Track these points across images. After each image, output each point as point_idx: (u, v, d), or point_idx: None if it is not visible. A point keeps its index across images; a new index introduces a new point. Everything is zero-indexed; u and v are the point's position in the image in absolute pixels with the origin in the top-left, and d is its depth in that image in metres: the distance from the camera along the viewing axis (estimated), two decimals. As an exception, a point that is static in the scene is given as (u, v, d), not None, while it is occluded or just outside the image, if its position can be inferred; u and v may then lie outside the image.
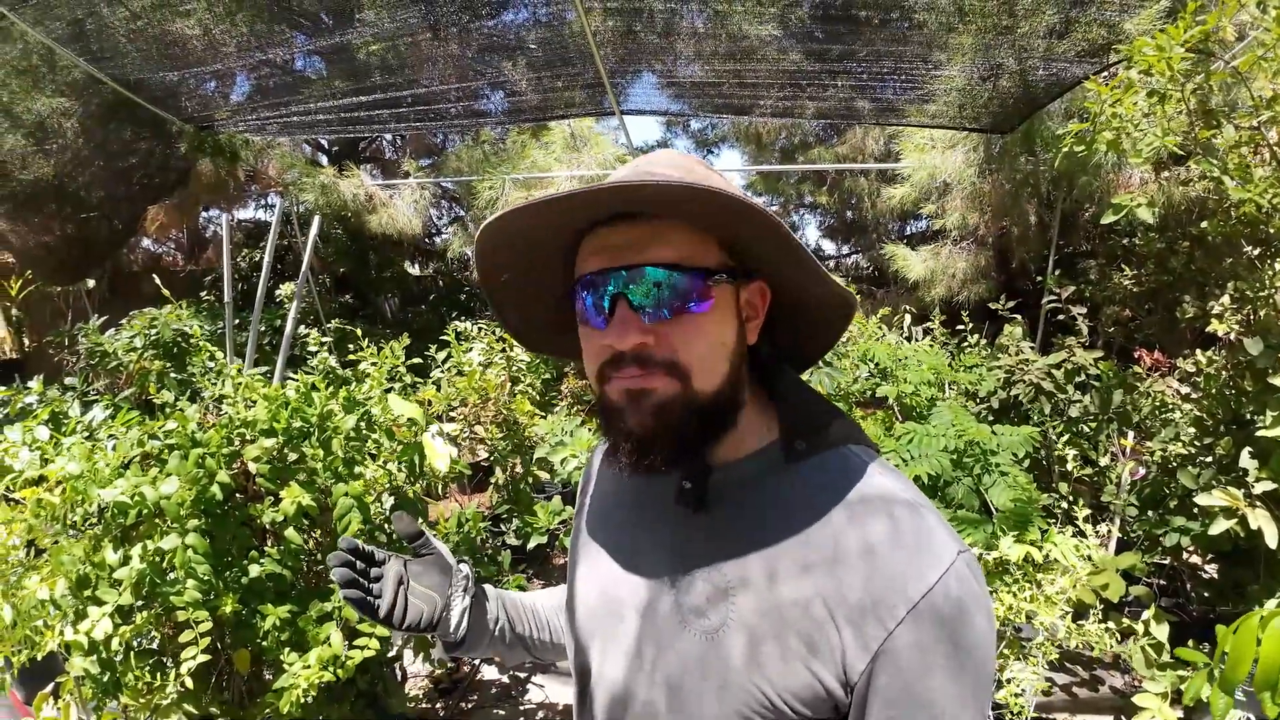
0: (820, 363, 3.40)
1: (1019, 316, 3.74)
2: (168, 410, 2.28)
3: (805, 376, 0.95)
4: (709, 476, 0.76)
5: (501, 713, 3.08)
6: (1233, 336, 2.70)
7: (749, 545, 0.72)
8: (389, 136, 8.61)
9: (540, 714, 3.08)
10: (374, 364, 3.01)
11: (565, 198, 0.65)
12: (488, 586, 1.00)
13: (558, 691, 3.22)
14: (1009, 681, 2.38)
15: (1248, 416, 2.63)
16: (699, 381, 0.70)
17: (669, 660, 0.73)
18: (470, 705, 3.14)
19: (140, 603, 1.94)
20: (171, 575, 1.92)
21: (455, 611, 0.91)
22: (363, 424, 2.38)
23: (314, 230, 3.70)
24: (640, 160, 0.79)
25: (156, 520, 1.97)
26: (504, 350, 4.14)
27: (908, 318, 4.38)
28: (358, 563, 0.89)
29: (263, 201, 8.13)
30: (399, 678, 2.84)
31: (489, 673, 3.38)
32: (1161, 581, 3.13)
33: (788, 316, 0.80)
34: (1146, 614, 2.36)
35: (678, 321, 0.69)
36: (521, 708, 3.12)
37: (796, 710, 0.67)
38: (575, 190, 0.65)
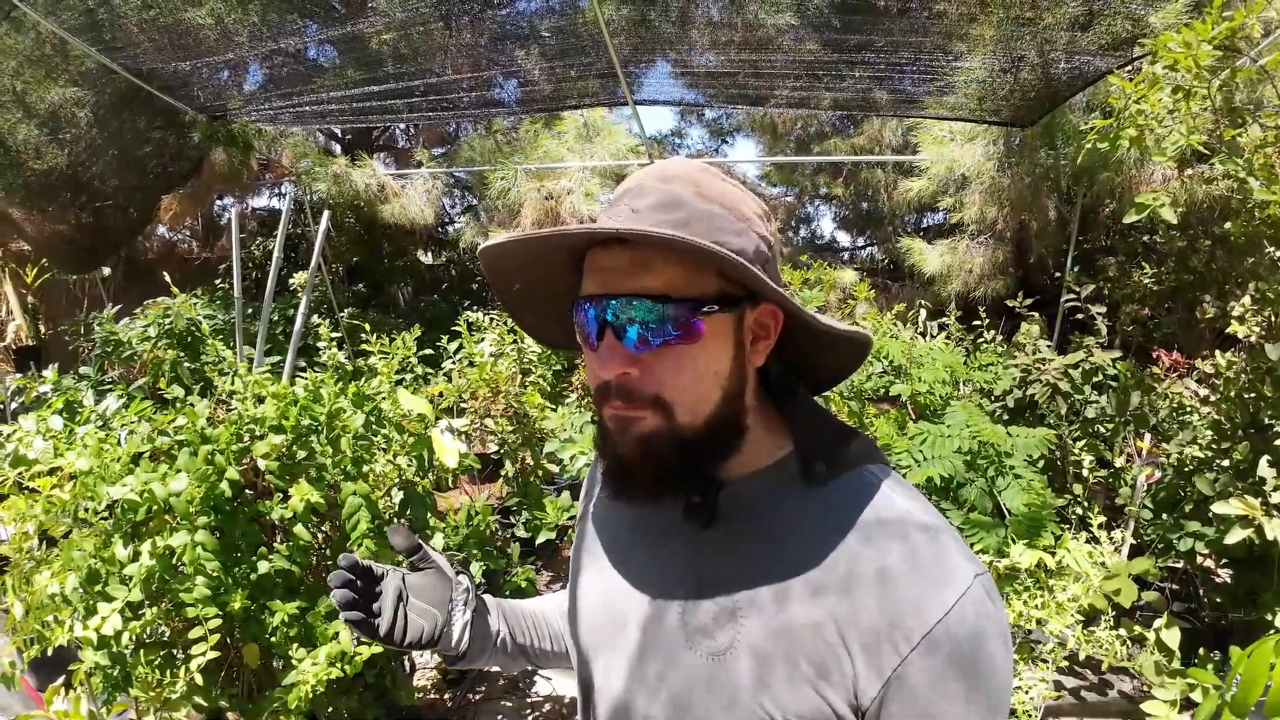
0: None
1: (1036, 314, 3.69)
2: (178, 404, 2.30)
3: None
4: (718, 493, 0.75)
5: (509, 704, 3.11)
6: (1253, 339, 2.65)
7: (760, 565, 0.71)
8: (402, 126, 8.60)
9: (547, 706, 3.10)
10: (383, 355, 3.02)
11: (535, 238, 0.67)
12: (488, 597, 0.99)
13: (564, 685, 3.24)
14: (1017, 688, 2.37)
15: (1266, 422, 2.58)
16: (684, 415, 0.69)
17: (674, 679, 0.72)
18: (478, 697, 3.17)
19: (149, 599, 1.96)
20: (181, 571, 1.93)
21: (456, 626, 0.91)
22: (372, 420, 2.39)
23: (324, 221, 3.70)
24: (641, 174, 0.77)
25: (166, 517, 1.99)
26: (515, 342, 4.14)
27: (923, 313, 4.33)
28: (357, 580, 0.87)
29: (276, 190, 8.16)
30: (407, 670, 2.87)
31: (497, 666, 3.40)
32: (1174, 586, 3.09)
33: (803, 337, 0.78)
34: (1159, 622, 2.33)
35: (664, 353, 0.68)
36: (528, 700, 3.14)
37: None
38: (547, 232, 0.65)
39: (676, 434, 0.69)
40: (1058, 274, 3.88)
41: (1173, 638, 2.31)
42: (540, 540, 3.53)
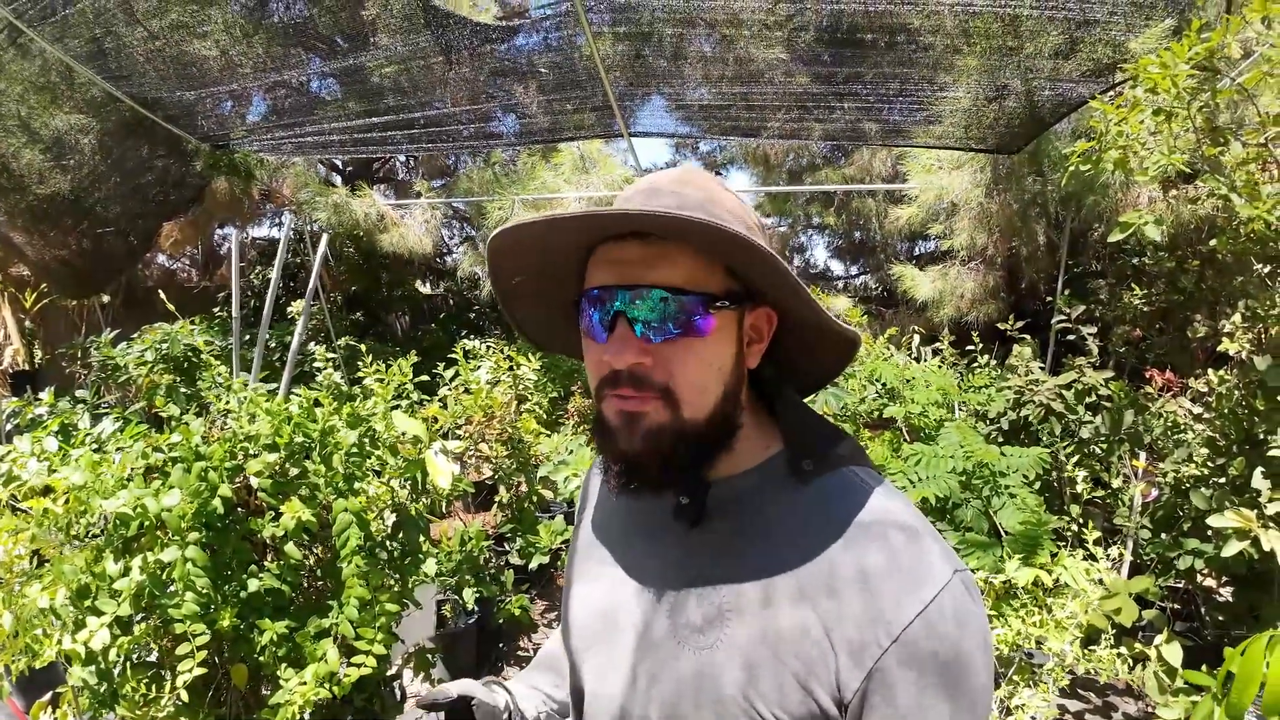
0: (827, 382, 3.38)
1: (1028, 336, 3.71)
2: (173, 423, 2.30)
3: (810, 397, 0.96)
4: (706, 492, 0.76)
5: (502, 734, 3.04)
6: (1244, 355, 2.67)
7: (747, 563, 0.72)
8: (402, 158, 8.74)
9: (541, 736, 3.03)
10: (379, 380, 3.02)
11: (572, 218, 0.67)
12: (516, 686, 0.97)
13: (559, 713, 3.17)
14: (1019, 708, 2.33)
15: (1260, 436, 2.59)
16: (690, 409, 0.71)
17: (664, 678, 0.73)
18: (471, 726, 3.10)
19: (140, 615, 1.94)
20: (171, 588, 1.92)
21: None
22: (365, 440, 2.38)
23: (322, 246, 3.74)
24: (653, 177, 0.79)
25: (158, 532, 1.97)
26: (511, 369, 4.15)
27: (916, 338, 4.36)
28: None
29: (276, 220, 8.25)
30: (397, 696, 2.81)
31: (491, 693, 3.33)
32: (1175, 605, 3.06)
33: (793, 341, 0.80)
34: (1159, 638, 2.30)
35: (675, 344, 0.69)
36: (522, 729, 3.07)
37: None
38: (582, 212, 0.66)
39: (681, 427, 0.70)
40: (1049, 298, 3.92)
41: (1174, 654, 2.28)
42: (534, 565, 3.51)
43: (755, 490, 0.76)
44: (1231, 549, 2.14)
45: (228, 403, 2.45)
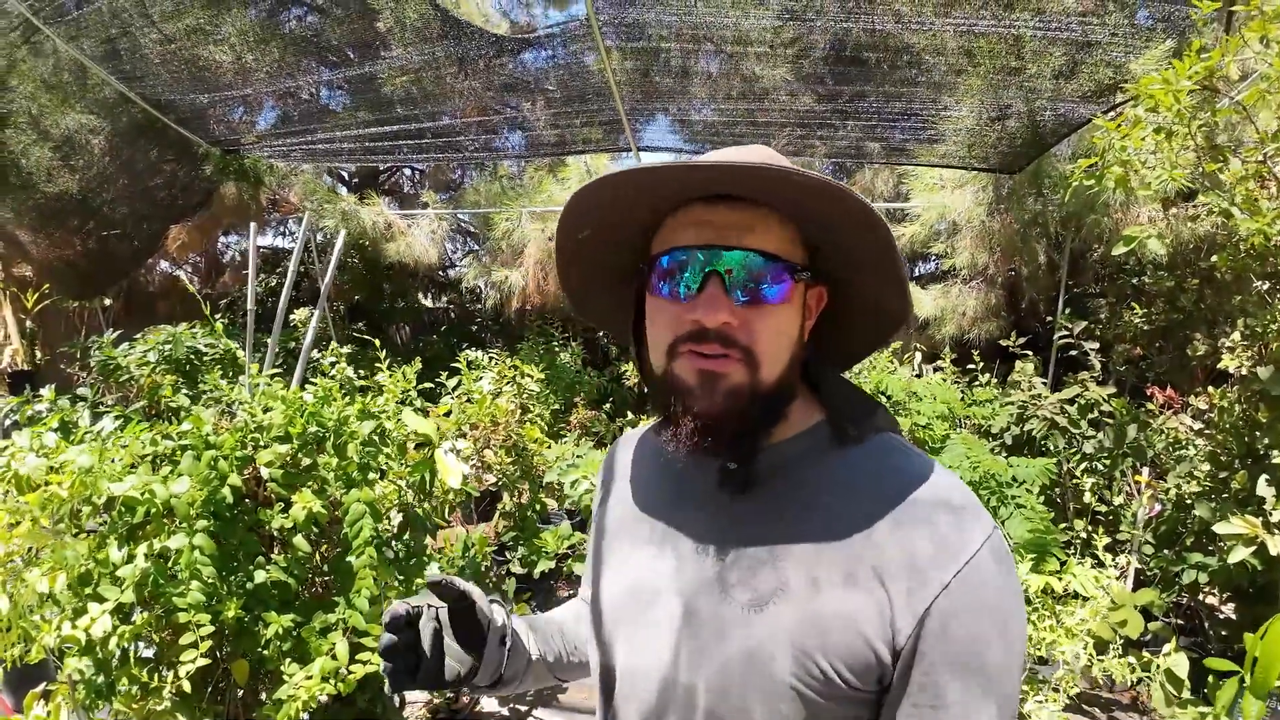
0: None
1: (1030, 353, 3.74)
2: (182, 414, 2.28)
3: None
4: (754, 458, 0.77)
5: (500, 744, 2.99)
6: (1244, 370, 2.70)
7: (797, 525, 0.73)
8: (408, 171, 8.81)
9: (540, 746, 2.99)
10: (389, 377, 3.02)
11: (705, 166, 0.68)
12: (517, 620, 0.93)
13: (558, 723, 3.13)
14: (1028, 715, 2.31)
15: (1262, 451, 2.61)
16: (765, 371, 0.72)
17: (713, 647, 0.73)
18: (468, 735, 3.05)
19: (141, 604, 1.91)
20: (176, 576, 1.89)
21: (490, 664, 0.85)
22: (376, 437, 2.37)
23: (339, 246, 3.74)
24: (741, 148, 0.80)
25: (164, 520, 1.95)
26: (514, 379, 4.15)
27: (918, 355, 4.39)
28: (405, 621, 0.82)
29: (281, 229, 8.29)
30: (398, 702, 2.77)
31: (489, 704, 3.29)
32: (1179, 621, 3.06)
33: (838, 320, 0.83)
34: (1167, 647, 2.30)
35: (759, 308, 0.71)
36: (521, 739, 3.03)
37: (846, 679, 0.67)
38: (722, 162, 0.66)
39: (757, 388, 0.72)
40: (1049, 317, 3.96)
41: (1180, 664, 2.28)
42: (539, 572, 3.48)
43: (801, 456, 0.77)
44: (1237, 555, 2.15)
45: (239, 392, 2.44)
